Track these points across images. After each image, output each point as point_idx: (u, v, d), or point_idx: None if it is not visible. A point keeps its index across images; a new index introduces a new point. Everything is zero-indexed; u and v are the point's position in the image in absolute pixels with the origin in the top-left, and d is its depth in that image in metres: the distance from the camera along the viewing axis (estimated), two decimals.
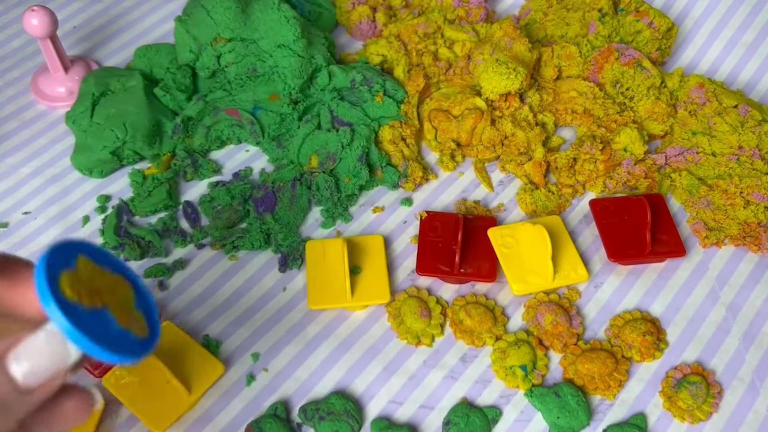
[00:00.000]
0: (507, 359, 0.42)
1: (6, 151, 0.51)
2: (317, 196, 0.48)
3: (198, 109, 0.50)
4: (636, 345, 0.42)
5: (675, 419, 0.41)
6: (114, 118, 0.49)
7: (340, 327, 0.43)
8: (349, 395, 0.41)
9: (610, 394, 0.41)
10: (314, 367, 0.42)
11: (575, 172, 0.49)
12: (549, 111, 0.52)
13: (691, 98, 0.52)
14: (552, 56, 0.53)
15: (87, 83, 0.51)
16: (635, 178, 0.49)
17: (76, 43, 0.57)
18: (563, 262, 0.45)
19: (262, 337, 0.43)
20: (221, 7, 0.50)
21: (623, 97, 0.52)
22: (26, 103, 0.53)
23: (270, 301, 0.44)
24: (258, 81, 0.51)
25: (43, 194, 0.49)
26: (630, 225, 0.46)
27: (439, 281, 0.45)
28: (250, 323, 0.43)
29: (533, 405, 0.41)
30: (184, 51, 0.51)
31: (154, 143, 0.49)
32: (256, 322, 0.43)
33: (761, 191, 0.47)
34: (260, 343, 0.43)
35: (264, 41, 0.51)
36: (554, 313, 0.43)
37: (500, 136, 0.50)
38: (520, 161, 0.49)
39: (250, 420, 0.40)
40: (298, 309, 0.44)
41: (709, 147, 0.50)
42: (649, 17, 0.54)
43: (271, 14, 0.50)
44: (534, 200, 0.48)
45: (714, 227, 0.48)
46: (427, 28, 0.54)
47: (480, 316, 0.43)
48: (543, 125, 0.51)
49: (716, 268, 0.46)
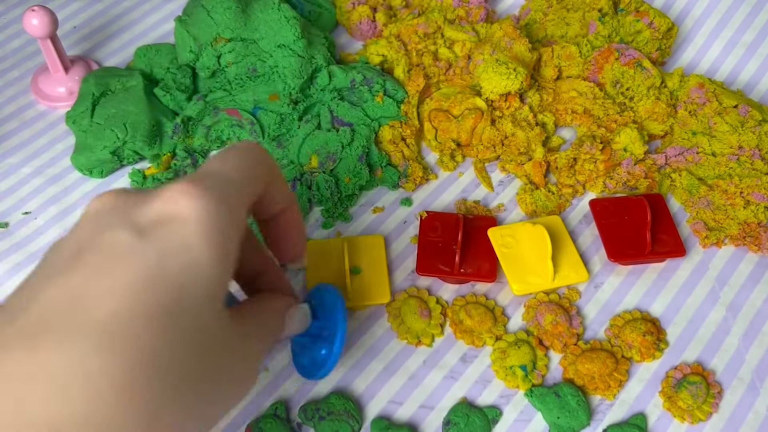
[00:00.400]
0: (507, 359, 0.42)
1: (6, 151, 0.51)
2: (317, 196, 0.48)
3: (198, 109, 0.50)
4: (636, 345, 0.42)
5: (675, 419, 0.41)
6: (114, 118, 0.49)
7: None
8: (349, 395, 0.41)
9: (610, 394, 0.41)
10: None
11: (575, 172, 0.49)
12: (549, 111, 0.52)
13: (691, 98, 0.52)
14: (552, 56, 0.53)
15: (87, 83, 0.51)
16: (635, 178, 0.49)
17: (76, 43, 0.57)
18: (563, 262, 0.45)
19: None
20: (221, 7, 0.50)
21: (623, 97, 0.52)
22: (26, 103, 0.53)
23: None
24: (258, 81, 0.51)
25: (43, 194, 0.49)
26: (630, 225, 0.46)
27: (439, 281, 0.45)
28: None
29: (533, 405, 0.41)
30: (184, 51, 0.51)
31: (154, 143, 0.49)
32: None
33: (761, 191, 0.47)
34: None
35: (264, 41, 0.51)
36: (554, 313, 0.43)
37: (500, 136, 0.50)
38: (520, 161, 0.50)
39: (250, 420, 0.40)
40: None
41: (709, 147, 0.50)
42: (649, 17, 0.54)
43: (271, 14, 0.50)
44: (534, 200, 0.48)
45: (714, 227, 0.48)
46: (427, 28, 0.54)
47: (480, 316, 0.43)
48: (543, 125, 0.51)
49: (716, 268, 0.46)
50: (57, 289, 0.24)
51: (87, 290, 0.23)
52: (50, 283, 0.24)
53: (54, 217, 0.48)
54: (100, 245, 0.25)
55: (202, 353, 0.25)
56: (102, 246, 0.25)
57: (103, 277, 0.24)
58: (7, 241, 0.46)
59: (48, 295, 0.24)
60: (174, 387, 0.24)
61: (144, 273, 0.24)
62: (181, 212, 0.26)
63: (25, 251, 0.46)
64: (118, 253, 0.24)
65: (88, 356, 0.22)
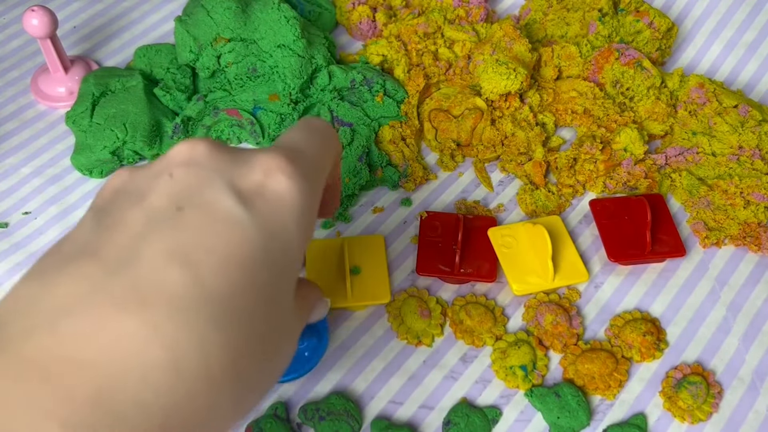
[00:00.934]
0: (507, 359, 0.42)
1: (6, 151, 0.51)
2: None
3: (198, 109, 0.50)
4: (636, 345, 0.42)
5: (675, 419, 0.41)
6: (114, 118, 0.49)
7: (340, 327, 0.43)
8: (349, 395, 0.41)
9: (610, 394, 0.41)
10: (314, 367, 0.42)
11: (575, 172, 0.49)
12: (549, 111, 0.52)
13: (691, 98, 0.52)
14: (552, 56, 0.53)
15: (87, 83, 0.51)
16: (635, 178, 0.49)
17: (76, 43, 0.57)
18: (563, 262, 0.45)
19: None
20: (221, 7, 0.50)
21: (623, 97, 0.52)
22: (26, 103, 0.53)
23: None
24: (258, 81, 0.51)
25: (43, 194, 0.49)
26: (630, 225, 0.46)
27: (439, 281, 0.45)
28: None
29: (533, 405, 0.41)
30: (184, 51, 0.51)
31: (154, 143, 0.49)
32: None
33: (761, 191, 0.47)
34: None
35: (264, 41, 0.51)
36: (554, 313, 0.43)
37: (500, 136, 0.50)
38: (520, 161, 0.50)
39: (250, 420, 0.40)
40: None
41: (709, 147, 0.50)
42: (649, 17, 0.54)
43: (271, 14, 0.50)
44: (534, 200, 0.48)
45: (714, 227, 0.48)
46: (427, 28, 0.54)
47: (480, 316, 0.43)
48: (543, 125, 0.51)
49: (716, 268, 0.46)
50: (162, 243, 0.23)
51: (196, 253, 0.23)
52: (155, 233, 0.23)
53: (54, 217, 0.48)
54: (201, 204, 0.24)
55: (279, 335, 0.26)
56: (202, 205, 0.24)
57: (209, 241, 0.23)
58: (6, 241, 0.46)
59: (155, 249, 0.23)
60: (259, 367, 0.24)
61: (251, 250, 0.24)
62: (281, 191, 0.26)
63: (25, 251, 0.46)
64: (221, 219, 0.24)
65: (206, 333, 0.22)
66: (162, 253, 0.23)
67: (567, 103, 0.52)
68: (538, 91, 0.52)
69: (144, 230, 0.23)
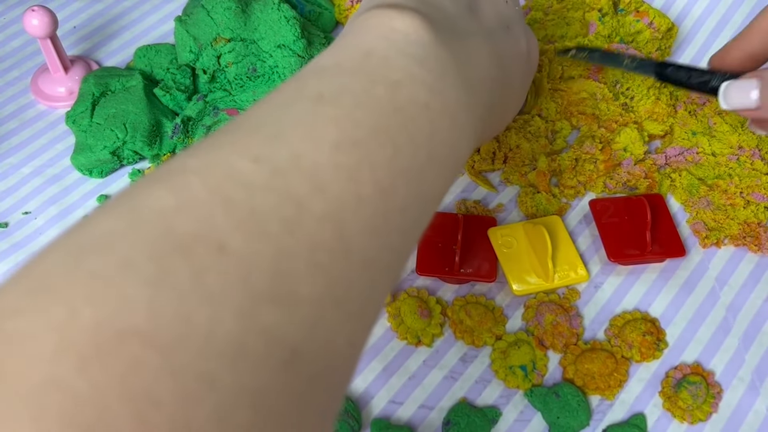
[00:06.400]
0: (507, 359, 0.42)
1: (6, 151, 0.51)
2: None
3: (198, 109, 0.50)
4: (636, 345, 0.42)
5: (675, 419, 0.41)
6: (114, 118, 0.49)
7: None
8: (349, 395, 0.41)
9: (610, 394, 0.41)
10: None
11: (576, 173, 0.49)
12: (565, 117, 0.51)
13: (691, 98, 0.52)
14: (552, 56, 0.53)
15: (87, 83, 0.51)
16: (635, 178, 0.49)
17: (76, 43, 0.57)
18: (563, 262, 0.45)
19: None
20: (221, 7, 0.50)
21: (623, 97, 0.52)
22: (26, 103, 0.53)
23: None
24: (258, 81, 0.51)
25: (43, 194, 0.49)
26: (630, 225, 0.46)
27: (439, 281, 0.45)
28: None
29: (533, 405, 0.41)
30: (184, 51, 0.51)
31: (154, 143, 0.49)
32: None
33: (761, 191, 0.47)
34: None
35: (264, 41, 0.51)
36: (554, 313, 0.43)
37: (504, 148, 0.49)
38: (524, 172, 0.49)
39: None
40: None
41: (709, 147, 0.50)
42: (649, 17, 0.54)
43: (271, 14, 0.50)
44: (535, 203, 0.48)
45: (714, 227, 0.48)
46: None
47: (480, 316, 0.43)
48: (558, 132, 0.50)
49: (716, 268, 0.46)
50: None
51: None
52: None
53: (54, 217, 0.48)
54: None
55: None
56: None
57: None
58: (6, 241, 0.46)
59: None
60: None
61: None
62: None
63: (25, 251, 0.46)
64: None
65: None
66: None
67: (578, 105, 0.51)
68: (552, 98, 0.52)
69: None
